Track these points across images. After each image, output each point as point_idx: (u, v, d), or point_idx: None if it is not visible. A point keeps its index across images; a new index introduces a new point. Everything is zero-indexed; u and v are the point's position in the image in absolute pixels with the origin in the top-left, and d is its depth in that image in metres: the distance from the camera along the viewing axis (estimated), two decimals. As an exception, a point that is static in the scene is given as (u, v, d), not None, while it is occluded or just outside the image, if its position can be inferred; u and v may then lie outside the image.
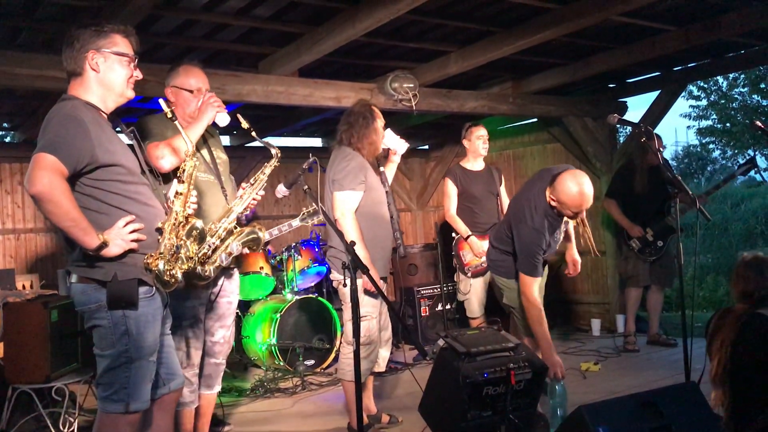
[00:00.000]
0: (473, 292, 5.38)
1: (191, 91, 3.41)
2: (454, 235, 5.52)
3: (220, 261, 3.22)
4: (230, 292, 3.56)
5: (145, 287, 2.58)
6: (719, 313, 3.11)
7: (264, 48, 5.20)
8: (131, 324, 2.55)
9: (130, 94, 2.73)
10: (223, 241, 3.21)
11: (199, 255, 3.14)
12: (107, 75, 2.64)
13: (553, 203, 3.82)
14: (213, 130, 3.67)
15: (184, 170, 2.70)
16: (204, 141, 3.49)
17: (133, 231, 2.54)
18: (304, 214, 5.44)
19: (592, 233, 7.13)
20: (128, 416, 2.58)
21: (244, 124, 3.22)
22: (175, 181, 2.72)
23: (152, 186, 2.78)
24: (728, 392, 2.81)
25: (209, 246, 3.16)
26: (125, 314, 2.54)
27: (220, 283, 3.47)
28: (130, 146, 2.85)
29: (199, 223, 2.73)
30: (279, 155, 3.33)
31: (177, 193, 2.67)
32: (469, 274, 5.33)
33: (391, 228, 4.06)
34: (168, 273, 2.55)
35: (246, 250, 3.31)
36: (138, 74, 2.71)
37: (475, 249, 5.24)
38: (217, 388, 3.66)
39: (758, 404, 2.71)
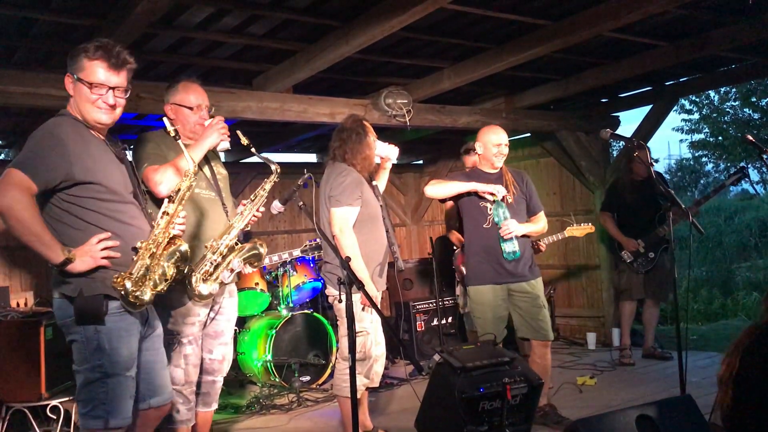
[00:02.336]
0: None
1: (191, 108, 3.41)
2: (454, 248, 5.51)
3: (222, 278, 3.23)
4: (229, 309, 3.55)
5: (117, 302, 2.58)
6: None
7: (258, 65, 5.23)
8: (103, 339, 2.55)
9: (98, 117, 2.66)
10: (224, 257, 3.22)
11: (201, 272, 3.14)
12: (77, 99, 2.66)
13: (479, 155, 4.47)
14: None
15: (178, 190, 2.69)
16: (205, 157, 3.50)
17: (107, 248, 2.54)
18: (305, 246, 5.53)
19: (586, 246, 7.18)
20: None
21: (244, 141, 3.24)
22: (166, 200, 2.70)
23: (142, 206, 2.78)
24: (730, 397, 2.82)
25: (211, 263, 3.18)
26: (97, 329, 2.55)
27: (219, 300, 3.47)
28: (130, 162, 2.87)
29: (183, 247, 2.69)
30: (279, 171, 3.35)
31: (164, 213, 2.66)
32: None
33: (388, 242, 4.07)
34: (134, 294, 2.54)
35: (248, 269, 3.32)
36: (109, 99, 2.63)
37: None
38: (215, 405, 3.65)
39: (757, 415, 2.72)
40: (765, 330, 2.85)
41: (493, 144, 4.37)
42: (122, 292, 2.52)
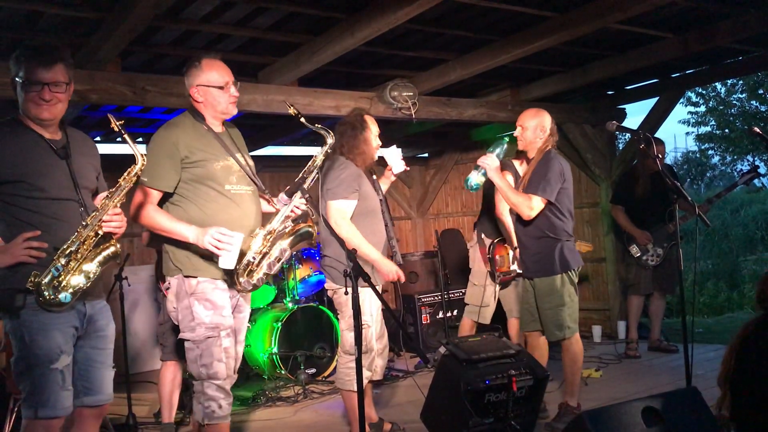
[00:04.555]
0: (492, 300, 5.27)
1: (221, 87, 3.17)
2: (484, 237, 5.23)
3: (267, 269, 3.11)
4: (244, 306, 3.44)
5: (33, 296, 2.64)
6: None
7: (264, 58, 5.23)
8: (24, 331, 2.63)
9: (37, 113, 2.73)
10: (272, 245, 3.10)
11: (242, 266, 3.06)
12: (20, 100, 2.75)
13: None
14: (238, 134, 3.47)
15: (118, 186, 2.74)
16: (236, 147, 3.29)
17: (30, 247, 2.61)
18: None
19: (592, 240, 7.14)
20: (40, 422, 2.63)
21: (292, 111, 3.16)
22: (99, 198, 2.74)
23: (85, 204, 2.79)
24: (728, 395, 2.83)
25: (254, 255, 3.07)
26: (19, 321, 2.63)
27: (237, 296, 3.33)
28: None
29: (111, 249, 2.72)
30: (333, 138, 3.28)
31: (95, 211, 2.70)
32: (498, 280, 5.17)
33: (387, 236, 4.06)
34: (43, 293, 2.59)
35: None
36: (44, 95, 2.70)
37: None
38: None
39: (756, 409, 2.72)
40: (754, 330, 2.86)
41: None
42: (35, 291, 2.59)
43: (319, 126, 3.25)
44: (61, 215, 2.72)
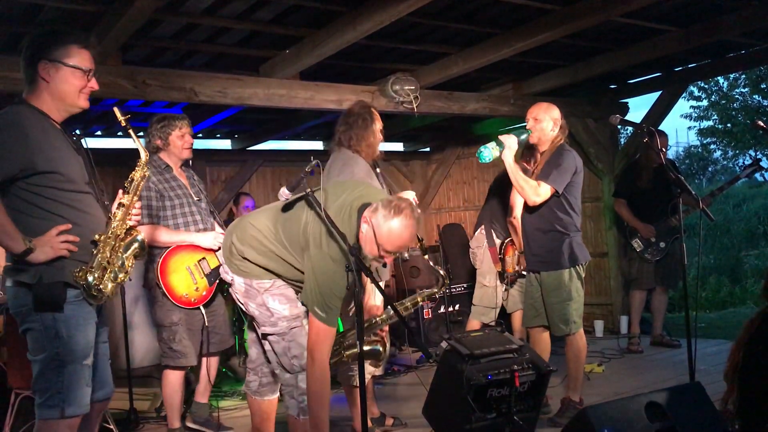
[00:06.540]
0: (500, 300, 5.19)
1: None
2: (495, 236, 5.17)
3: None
4: None
5: (75, 290, 2.58)
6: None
7: (265, 51, 5.21)
8: (61, 327, 2.55)
9: (84, 104, 2.70)
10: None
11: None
12: (58, 86, 2.62)
13: None
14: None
15: (131, 180, 2.71)
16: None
17: (66, 241, 2.54)
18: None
19: (594, 234, 7.11)
20: (66, 421, 2.56)
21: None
22: (120, 191, 2.71)
23: (97, 197, 2.76)
24: (736, 391, 2.82)
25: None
26: (55, 317, 2.55)
27: None
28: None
29: (140, 237, 2.72)
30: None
31: (120, 204, 2.68)
32: (507, 281, 5.10)
33: None
34: (95, 287, 2.57)
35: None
36: (93, 85, 2.67)
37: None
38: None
39: (764, 404, 2.70)
40: (760, 324, 2.85)
41: None
42: (84, 286, 2.55)
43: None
44: (88, 208, 2.68)
